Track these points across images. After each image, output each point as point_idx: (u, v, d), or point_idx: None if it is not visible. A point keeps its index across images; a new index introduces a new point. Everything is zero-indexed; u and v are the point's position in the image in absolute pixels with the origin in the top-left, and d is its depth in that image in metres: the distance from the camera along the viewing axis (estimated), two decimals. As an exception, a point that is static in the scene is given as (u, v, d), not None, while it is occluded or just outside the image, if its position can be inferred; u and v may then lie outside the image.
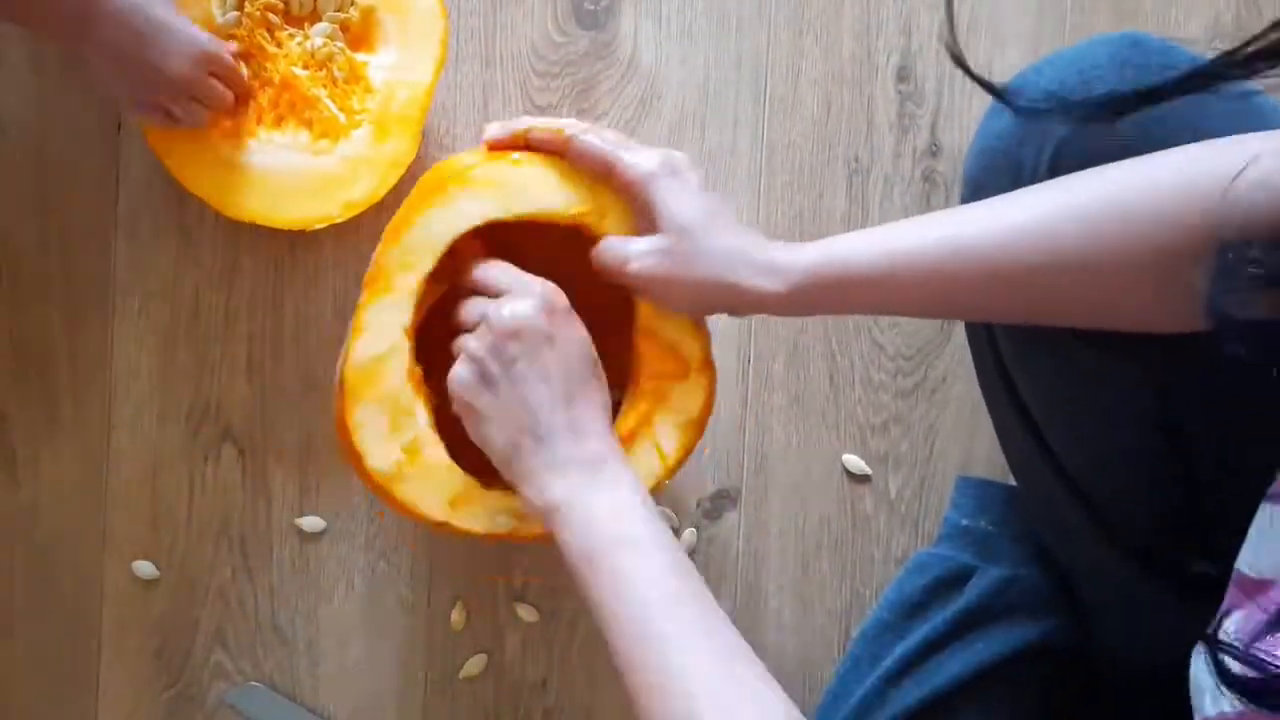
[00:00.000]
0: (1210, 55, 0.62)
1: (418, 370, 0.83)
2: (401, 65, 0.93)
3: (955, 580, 0.92)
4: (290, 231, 0.96)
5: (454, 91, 1.00)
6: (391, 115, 0.93)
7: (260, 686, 1.00)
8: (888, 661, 0.90)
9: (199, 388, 0.99)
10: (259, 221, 0.92)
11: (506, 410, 0.77)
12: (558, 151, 0.83)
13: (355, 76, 0.94)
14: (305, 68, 0.93)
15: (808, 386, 1.02)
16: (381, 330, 0.82)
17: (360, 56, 0.94)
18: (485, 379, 0.78)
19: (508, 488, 0.80)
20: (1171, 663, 0.82)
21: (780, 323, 1.02)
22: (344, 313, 1.00)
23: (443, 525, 0.83)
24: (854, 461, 1.02)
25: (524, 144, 0.84)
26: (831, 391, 1.02)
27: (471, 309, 0.80)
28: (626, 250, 0.80)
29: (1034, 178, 0.74)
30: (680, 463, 0.86)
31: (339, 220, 0.93)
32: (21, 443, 0.99)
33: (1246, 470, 0.69)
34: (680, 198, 0.79)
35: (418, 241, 0.82)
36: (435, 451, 0.82)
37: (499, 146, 0.85)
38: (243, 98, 0.92)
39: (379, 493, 0.83)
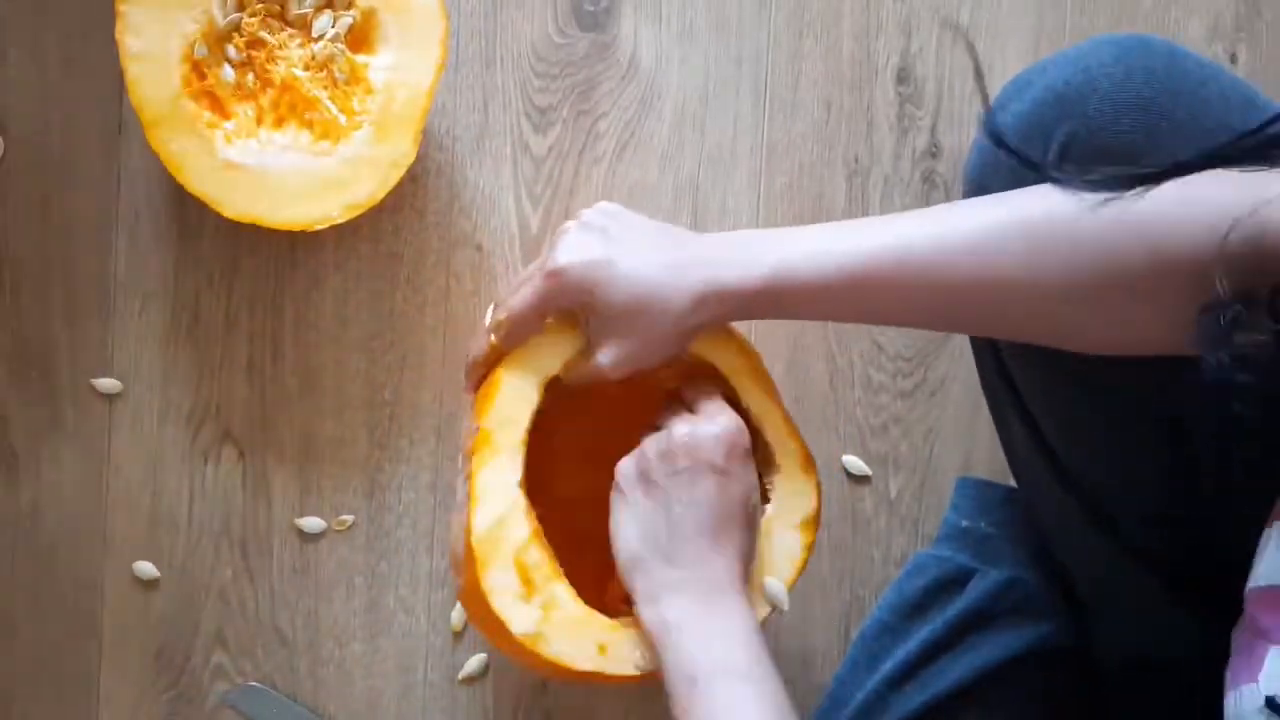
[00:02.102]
0: (1211, 56, 0.62)
1: (538, 525, 0.82)
2: (402, 66, 0.93)
3: (954, 582, 0.92)
4: (291, 232, 0.96)
5: (454, 93, 1.00)
6: (392, 116, 0.93)
7: (260, 687, 1.00)
8: (887, 665, 0.90)
9: (199, 388, 1.00)
10: (259, 222, 0.92)
11: (650, 519, 0.78)
12: (502, 351, 0.84)
13: (356, 78, 0.94)
14: (306, 69, 0.94)
15: (808, 388, 1.02)
16: (497, 492, 0.82)
17: (360, 58, 0.94)
18: (645, 480, 0.79)
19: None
20: (1171, 663, 0.82)
21: (780, 325, 1.02)
22: (344, 314, 1.00)
23: (592, 675, 0.82)
24: (854, 463, 1.02)
25: (492, 362, 0.85)
26: (831, 393, 1.03)
27: (669, 418, 0.81)
28: (599, 368, 0.81)
29: (1044, 178, 0.73)
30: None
31: (340, 221, 0.93)
32: (22, 444, 0.99)
33: (1249, 468, 0.69)
34: (609, 284, 0.79)
35: (511, 398, 0.83)
36: (573, 604, 0.82)
37: (482, 382, 0.86)
38: None
39: (523, 655, 0.82)
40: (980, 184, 0.78)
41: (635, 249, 0.80)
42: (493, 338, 0.84)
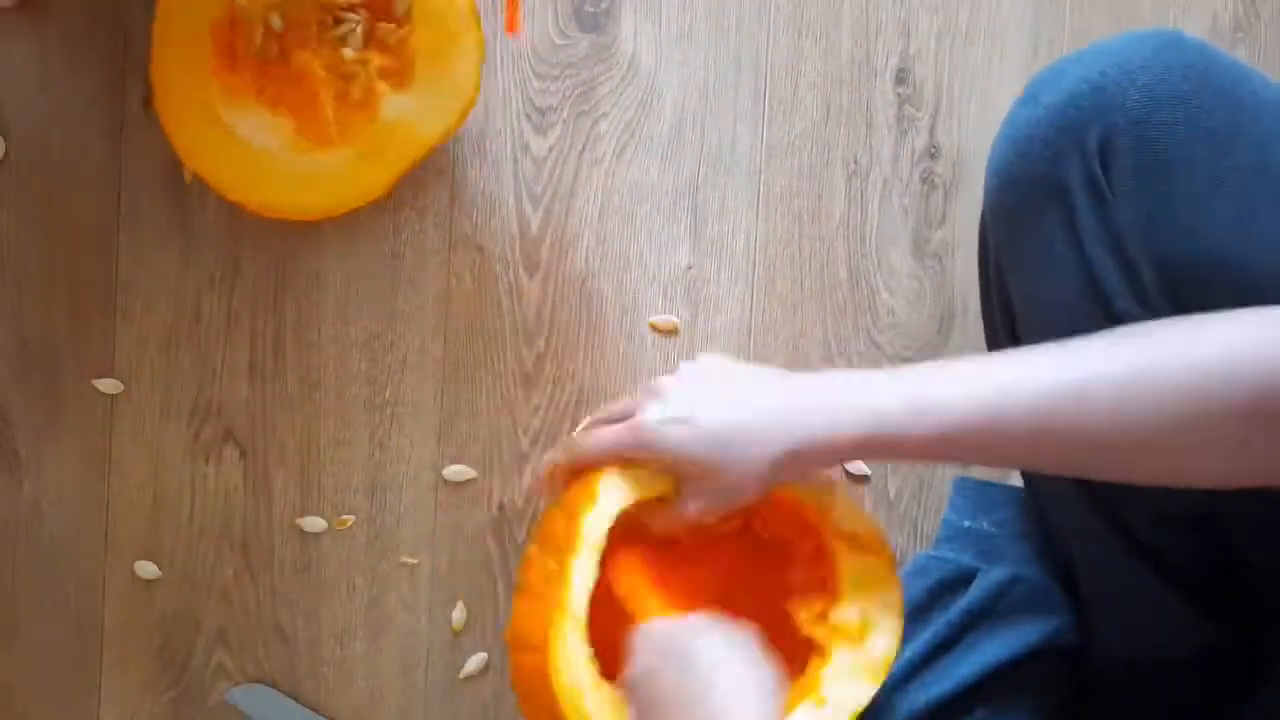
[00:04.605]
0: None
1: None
2: (415, 114, 0.94)
3: (957, 583, 0.92)
4: (293, 232, 0.96)
5: (455, 93, 1.01)
6: (379, 152, 0.93)
7: (262, 686, 1.00)
8: (893, 667, 0.90)
9: (201, 388, 1.00)
10: (245, 204, 0.93)
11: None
12: (583, 473, 0.82)
13: (366, 104, 0.94)
14: (326, 69, 0.94)
15: (807, 387, 1.02)
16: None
17: (383, 85, 0.94)
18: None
19: None
20: (1176, 663, 0.82)
21: (780, 325, 1.02)
22: (345, 314, 1.00)
23: None
24: (853, 462, 1.02)
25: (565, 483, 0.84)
26: (831, 392, 1.03)
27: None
28: (683, 518, 0.80)
29: (1082, 167, 0.73)
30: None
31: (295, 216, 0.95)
32: (24, 444, 0.99)
33: None
34: (689, 446, 0.78)
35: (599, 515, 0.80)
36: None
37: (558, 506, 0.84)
38: None
39: None
40: (1008, 175, 0.77)
41: (723, 402, 0.79)
42: (572, 450, 0.83)
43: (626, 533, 0.82)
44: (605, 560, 0.80)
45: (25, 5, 0.97)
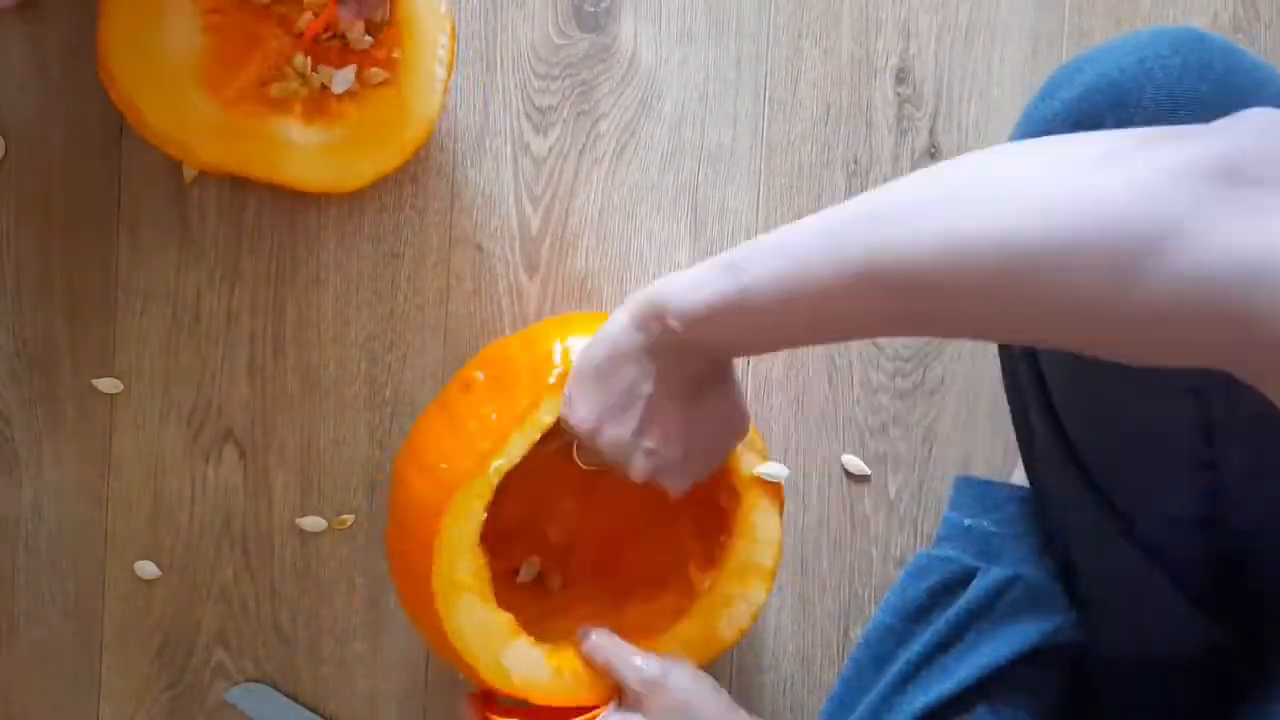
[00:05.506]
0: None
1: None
2: (297, 154, 0.92)
3: (958, 582, 0.92)
4: (292, 231, 0.96)
5: (454, 94, 1.01)
6: (240, 136, 0.92)
7: (261, 686, 1.00)
8: (893, 668, 0.89)
9: (201, 388, 1.00)
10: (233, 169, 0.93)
11: None
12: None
13: (276, 105, 0.92)
14: (277, 49, 0.93)
15: (807, 388, 1.03)
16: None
17: (298, 108, 0.93)
18: None
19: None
20: (1180, 663, 0.82)
21: (780, 324, 1.02)
22: (345, 314, 1.00)
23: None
24: (853, 462, 1.02)
25: None
26: (830, 393, 1.03)
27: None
28: None
29: None
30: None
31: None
32: (23, 443, 0.99)
33: (1272, 461, 0.68)
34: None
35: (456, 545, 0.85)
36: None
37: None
38: None
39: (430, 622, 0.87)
40: None
41: None
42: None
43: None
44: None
45: (25, 5, 0.97)
